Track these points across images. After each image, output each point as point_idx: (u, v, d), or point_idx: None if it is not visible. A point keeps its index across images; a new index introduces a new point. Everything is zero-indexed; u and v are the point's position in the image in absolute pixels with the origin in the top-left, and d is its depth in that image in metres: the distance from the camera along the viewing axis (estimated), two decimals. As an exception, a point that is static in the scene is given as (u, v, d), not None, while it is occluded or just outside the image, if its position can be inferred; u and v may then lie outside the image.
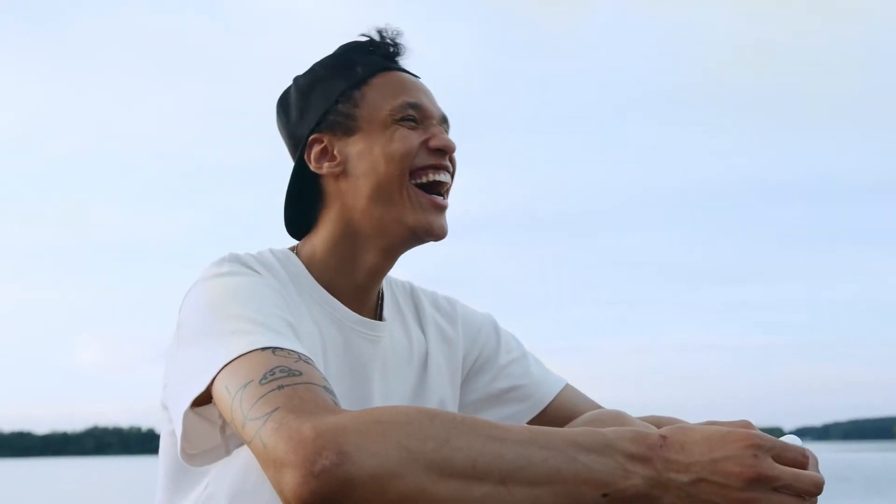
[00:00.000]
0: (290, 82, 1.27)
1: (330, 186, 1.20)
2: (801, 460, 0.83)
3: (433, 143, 1.18)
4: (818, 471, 0.92)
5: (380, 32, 1.24)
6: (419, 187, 1.17)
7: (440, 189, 1.19)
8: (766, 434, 0.83)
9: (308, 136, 1.20)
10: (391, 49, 1.24)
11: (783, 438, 0.87)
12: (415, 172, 1.17)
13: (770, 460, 0.81)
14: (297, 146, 1.22)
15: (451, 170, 1.21)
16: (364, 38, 1.24)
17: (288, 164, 1.27)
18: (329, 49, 1.27)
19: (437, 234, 1.18)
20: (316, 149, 1.20)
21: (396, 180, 1.16)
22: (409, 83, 1.21)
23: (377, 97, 1.18)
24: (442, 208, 1.19)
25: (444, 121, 1.23)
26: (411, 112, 1.18)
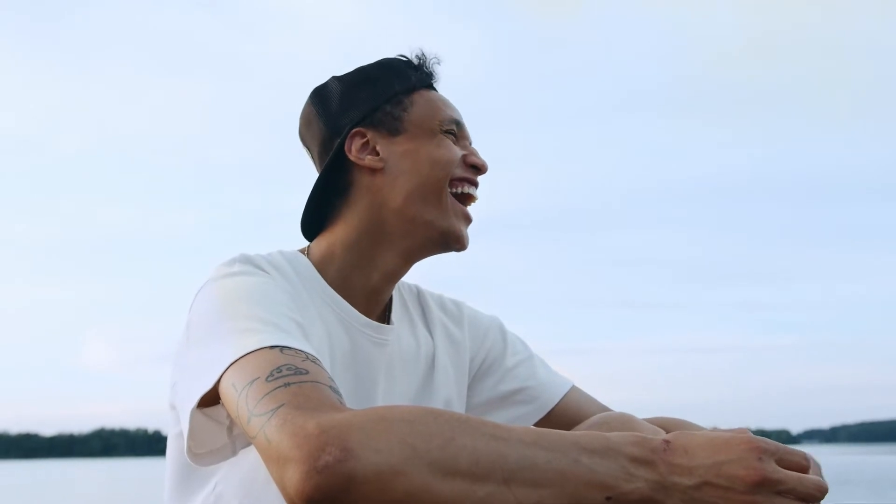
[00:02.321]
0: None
1: (364, 180, 1.21)
2: (804, 464, 0.83)
3: (471, 160, 1.24)
4: (822, 476, 0.93)
5: (420, 57, 1.29)
6: (454, 196, 1.22)
7: (468, 203, 1.25)
8: (768, 439, 0.83)
9: (350, 129, 1.22)
10: (429, 74, 1.29)
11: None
12: (452, 182, 1.22)
13: (774, 464, 0.81)
14: (335, 137, 1.23)
15: (478, 187, 1.27)
16: (404, 59, 1.29)
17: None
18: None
19: (464, 244, 1.23)
20: (357, 142, 1.22)
21: (438, 184, 1.20)
22: (452, 104, 1.28)
23: (427, 107, 1.24)
24: (470, 220, 1.24)
25: (470, 144, 1.29)
26: (455, 128, 1.25)
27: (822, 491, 0.82)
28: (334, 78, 1.27)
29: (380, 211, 1.20)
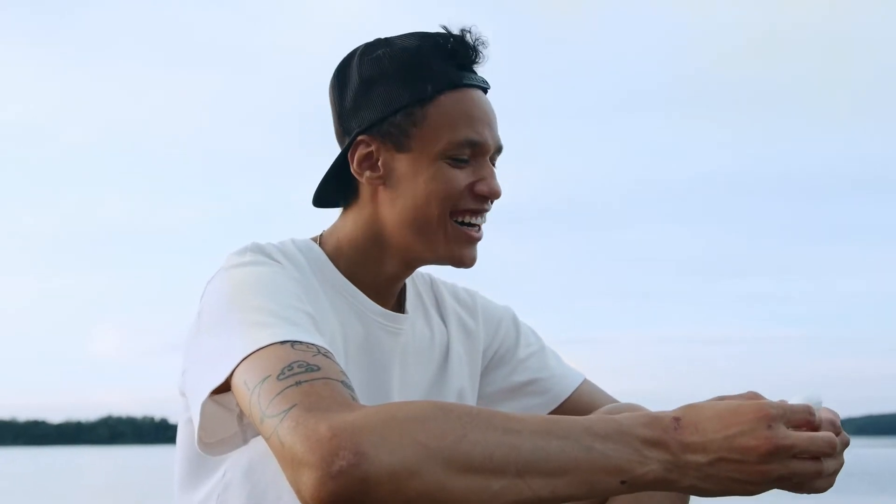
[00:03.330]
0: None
1: (366, 191, 1.18)
2: (811, 420, 0.83)
3: (479, 189, 1.15)
4: (839, 424, 0.92)
5: (463, 34, 1.17)
6: (456, 222, 1.16)
7: (475, 227, 1.18)
8: (774, 402, 0.83)
9: (357, 135, 1.16)
10: (471, 56, 1.17)
11: (795, 398, 0.87)
12: (454, 213, 1.15)
13: (784, 429, 0.81)
14: (345, 136, 1.19)
15: (489, 210, 1.19)
16: (444, 32, 1.17)
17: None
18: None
19: (467, 265, 1.19)
20: (361, 151, 1.16)
21: (432, 219, 1.14)
22: (477, 110, 1.16)
23: (438, 122, 1.14)
24: (476, 241, 1.18)
25: (498, 151, 1.19)
26: (467, 150, 1.15)
27: (832, 446, 0.83)
28: (357, 59, 1.18)
29: (381, 225, 1.17)
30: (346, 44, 1.25)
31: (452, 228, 1.16)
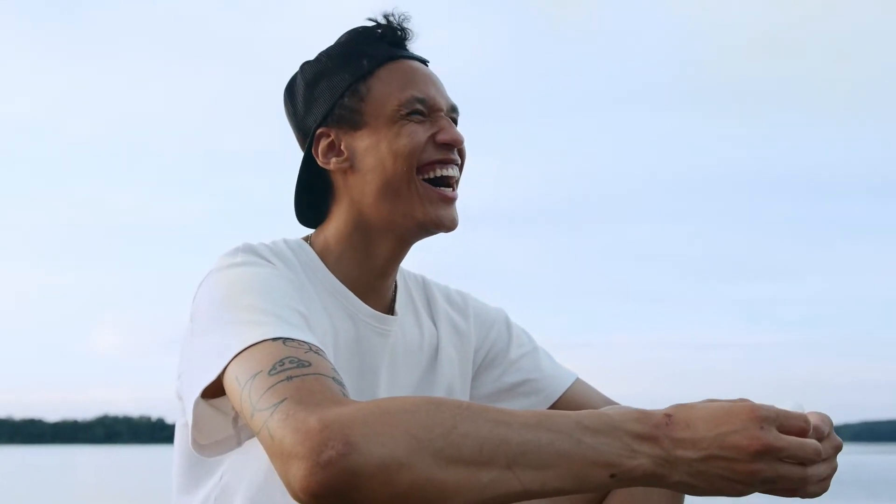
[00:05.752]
0: (296, 68, 1.27)
1: (338, 181, 1.21)
2: (804, 427, 0.84)
3: (440, 138, 1.18)
4: (832, 430, 0.93)
5: (386, 17, 1.23)
6: (427, 181, 1.18)
7: (449, 182, 1.20)
8: (768, 405, 0.84)
9: (315, 130, 1.21)
10: (399, 34, 1.23)
11: (787, 404, 0.88)
12: (422, 168, 1.18)
13: (775, 431, 0.82)
14: (305, 138, 1.23)
15: (459, 163, 1.21)
16: (371, 23, 1.23)
17: (299, 151, 1.28)
18: (338, 33, 1.26)
19: (448, 226, 1.20)
20: (323, 143, 1.20)
21: (404, 176, 1.16)
22: (418, 74, 1.21)
23: (384, 91, 1.18)
24: (451, 200, 1.20)
25: (452, 110, 1.23)
26: (419, 106, 1.18)
27: (818, 454, 0.83)
28: (300, 69, 1.25)
29: (360, 209, 1.19)
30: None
31: (423, 188, 1.17)
